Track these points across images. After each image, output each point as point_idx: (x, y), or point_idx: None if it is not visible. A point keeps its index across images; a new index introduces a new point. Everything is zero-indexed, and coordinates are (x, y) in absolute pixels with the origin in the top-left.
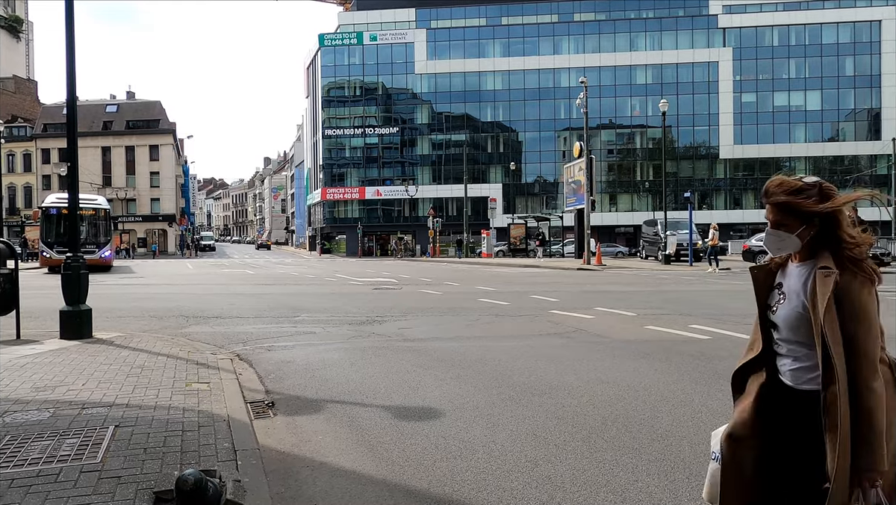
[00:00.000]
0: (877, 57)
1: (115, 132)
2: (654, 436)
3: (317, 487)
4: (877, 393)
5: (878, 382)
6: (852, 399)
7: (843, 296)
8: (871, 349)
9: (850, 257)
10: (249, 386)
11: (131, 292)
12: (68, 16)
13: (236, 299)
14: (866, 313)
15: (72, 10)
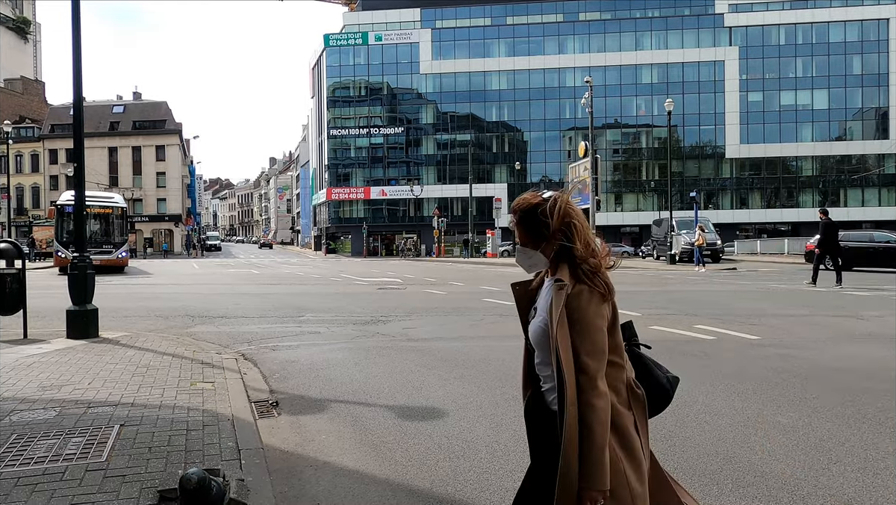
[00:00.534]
0: (884, 55)
1: (121, 133)
2: (657, 436)
3: (320, 486)
4: (596, 409)
5: (600, 398)
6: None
7: (571, 310)
8: (591, 365)
9: (584, 270)
10: (254, 385)
11: (137, 292)
12: (75, 17)
13: (241, 299)
14: (588, 328)
15: (78, 11)
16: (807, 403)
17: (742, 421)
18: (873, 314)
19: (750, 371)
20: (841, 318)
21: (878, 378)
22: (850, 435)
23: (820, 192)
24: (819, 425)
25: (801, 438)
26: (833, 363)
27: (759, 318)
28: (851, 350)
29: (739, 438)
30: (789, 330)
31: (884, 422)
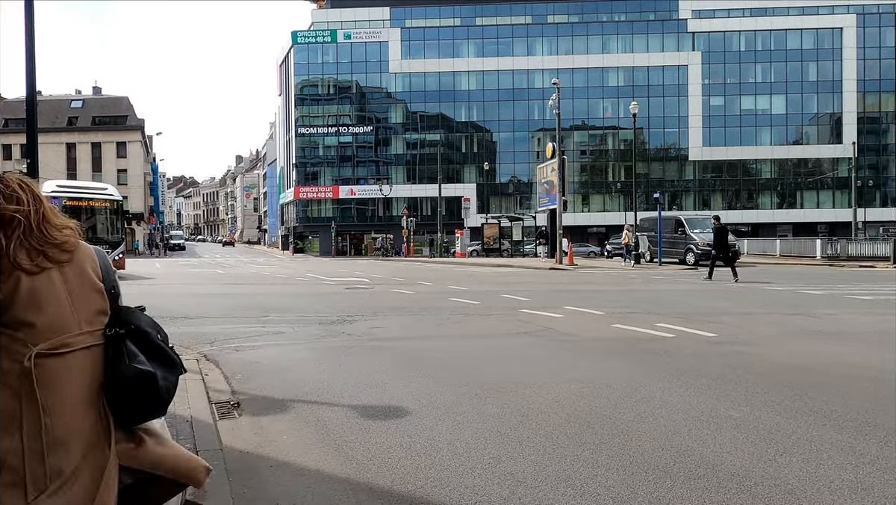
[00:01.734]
0: (838, 63)
1: (80, 128)
2: (615, 431)
3: (279, 486)
4: None
5: None
6: None
7: None
8: None
9: None
10: (215, 387)
11: None
12: (28, 7)
13: (204, 299)
14: None
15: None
16: (758, 397)
17: (696, 416)
18: (826, 312)
19: (706, 367)
20: (795, 316)
21: (827, 373)
22: (796, 428)
23: (778, 193)
24: (768, 419)
25: (750, 431)
26: (785, 359)
27: (718, 316)
28: (803, 347)
29: (693, 432)
30: (745, 328)
31: (829, 414)
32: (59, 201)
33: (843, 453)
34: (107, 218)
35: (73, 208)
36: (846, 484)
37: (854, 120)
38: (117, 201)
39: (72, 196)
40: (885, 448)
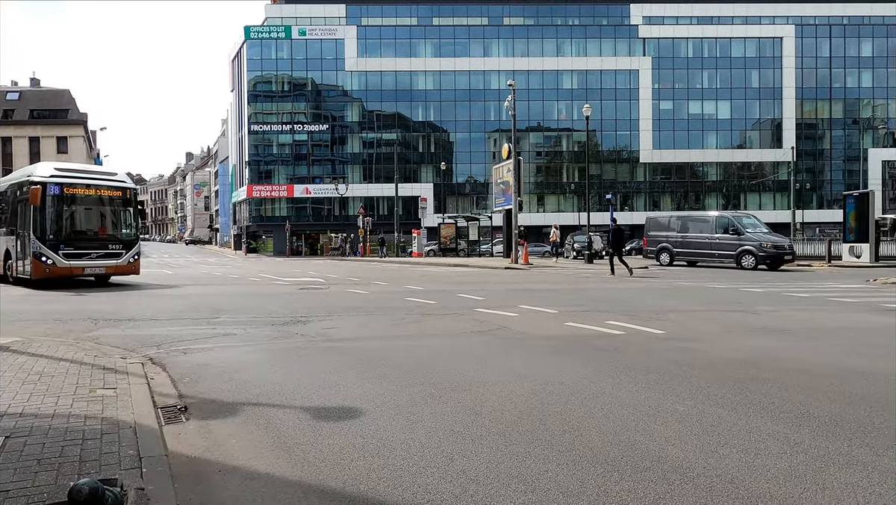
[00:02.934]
0: (778, 71)
1: (16, 121)
2: (566, 427)
3: (228, 491)
4: None
5: None
6: None
7: None
8: None
9: None
10: (161, 391)
11: (33, 295)
12: None
13: (152, 300)
14: None
15: None
16: (702, 391)
17: (644, 410)
18: (766, 309)
19: (654, 363)
20: (737, 313)
21: (766, 367)
22: (737, 420)
23: (723, 195)
24: (711, 412)
25: (694, 424)
26: (727, 354)
27: (665, 313)
28: (744, 342)
29: (640, 426)
30: (690, 325)
31: (767, 406)
32: (57, 189)
33: (779, 443)
34: (118, 210)
35: (76, 198)
36: (782, 472)
37: (793, 126)
38: (131, 190)
39: (74, 182)
40: (817, 438)
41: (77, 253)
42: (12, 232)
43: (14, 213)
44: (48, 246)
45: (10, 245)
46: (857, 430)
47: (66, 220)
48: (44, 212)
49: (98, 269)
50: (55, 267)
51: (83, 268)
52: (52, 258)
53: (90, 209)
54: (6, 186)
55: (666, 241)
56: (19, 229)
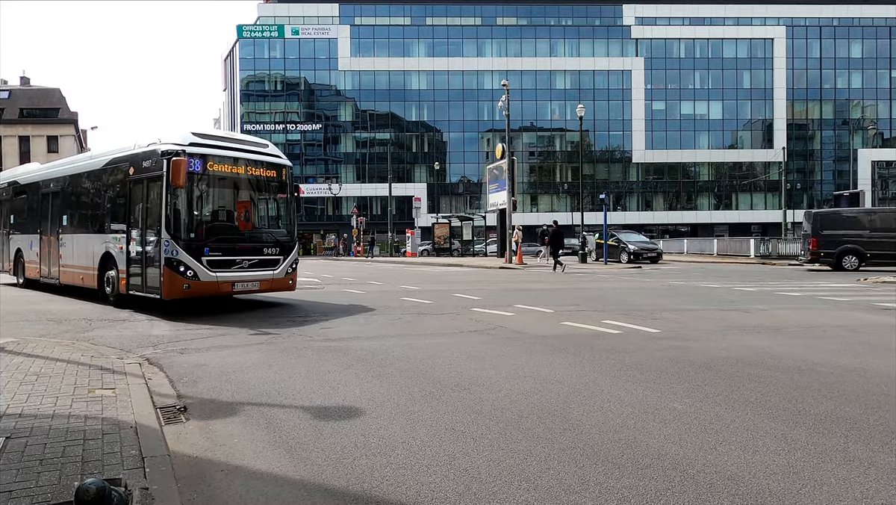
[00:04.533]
0: (770, 72)
1: (6, 120)
2: (566, 426)
3: (231, 490)
4: None
5: None
6: None
7: None
8: None
9: None
10: (160, 391)
11: (26, 295)
12: None
13: None
14: None
15: None
16: (699, 389)
17: (643, 408)
18: (759, 308)
19: (650, 362)
20: (731, 312)
21: (762, 365)
22: (734, 417)
23: (715, 195)
24: (709, 410)
25: (693, 422)
26: (723, 353)
27: (660, 312)
28: (739, 341)
29: (640, 424)
30: (686, 324)
31: (764, 404)
32: (198, 163)
33: (776, 440)
34: (272, 197)
35: (222, 178)
36: (780, 469)
37: (784, 126)
38: (287, 169)
39: (221, 154)
40: (814, 435)
41: (224, 261)
42: (119, 228)
43: (121, 201)
44: (189, 250)
45: (116, 246)
46: (852, 427)
47: (211, 212)
48: (183, 198)
49: (251, 283)
50: (198, 282)
51: (233, 282)
52: (195, 268)
53: (238, 195)
54: (105, 163)
55: (853, 241)
56: (134, 224)
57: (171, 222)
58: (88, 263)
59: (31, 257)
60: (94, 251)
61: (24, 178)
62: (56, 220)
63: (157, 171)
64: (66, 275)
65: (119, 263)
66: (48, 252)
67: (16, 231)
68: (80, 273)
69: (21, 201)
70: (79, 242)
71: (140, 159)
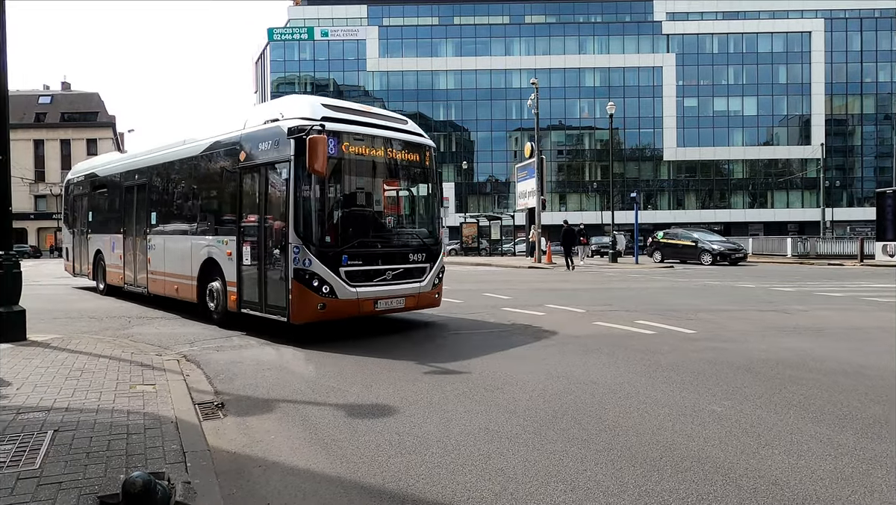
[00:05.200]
0: (807, 66)
1: (48, 124)
2: (601, 427)
3: (269, 486)
4: None
5: None
6: None
7: None
8: None
9: None
10: (198, 387)
11: (67, 294)
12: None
13: None
14: None
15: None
16: (738, 392)
17: (680, 410)
18: (798, 309)
19: (687, 363)
20: (769, 312)
21: (804, 368)
22: (777, 421)
23: (749, 194)
24: (750, 412)
25: (733, 424)
26: (762, 355)
27: (695, 313)
28: (779, 342)
29: (678, 427)
30: (722, 324)
31: (807, 407)
32: (333, 143)
33: (822, 445)
34: (416, 188)
35: (360, 163)
36: (827, 474)
37: (822, 122)
38: (431, 150)
39: (361, 132)
40: (862, 440)
41: (365, 271)
42: (227, 229)
43: (228, 195)
44: (324, 258)
45: (222, 252)
46: None
47: (348, 208)
48: (316, 190)
49: (395, 300)
50: (335, 300)
51: (375, 300)
52: (331, 282)
53: (377, 185)
54: (205, 148)
55: None
56: (247, 224)
57: (300, 222)
58: (185, 271)
59: (112, 261)
60: (192, 257)
61: (104, 170)
62: (143, 217)
63: (282, 154)
64: (156, 283)
65: (226, 272)
66: (133, 256)
67: (95, 230)
68: (174, 282)
69: (100, 196)
70: (172, 246)
71: (254, 141)
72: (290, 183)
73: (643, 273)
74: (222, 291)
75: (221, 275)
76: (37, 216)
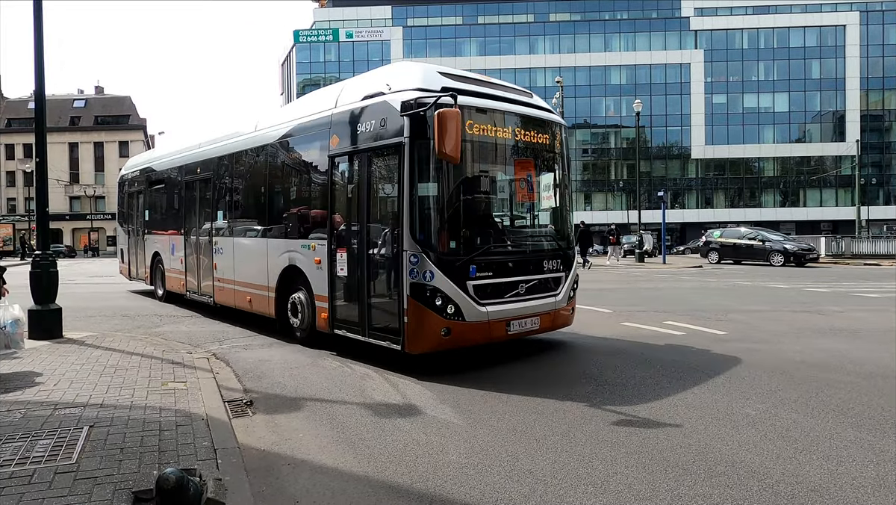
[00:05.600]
0: (841, 61)
1: (82, 127)
2: (631, 429)
3: (298, 484)
4: None
5: None
6: None
7: None
8: None
9: None
10: (227, 385)
11: (101, 291)
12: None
13: None
14: None
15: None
16: (773, 395)
17: (712, 413)
18: (834, 309)
19: (718, 365)
20: (804, 313)
21: (841, 370)
22: (814, 425)
23: (780, 192)
24: (785, 416)
25: (768, 428)
26: (796, 357)
27: (726, 314)
28: (814, 344)
29: (710, 430)
30: (754, 325)
31: (846, 412)
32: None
33: (863, 451)
34: (548, 175)
35: (488, 148)
36: (869, 481)
37: (857, 118)
38: (561, 129)
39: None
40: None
41: (495, 285)
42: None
43: (316, 189)
44: (448, 269)
45: (309, 259)
46: None
47: (475, 204)
48: (434, 181)
49: (529, 320)
50: (462, 323)
51: (508, 320)
52: (458, 301)
53: (505, 172)
54: (284, 133)
55: None
56: (341, 224)
57: (418, 223)
58: (259, 280)
59: (172, 265)
60: (269, 263)
61: (161, 163)
62: (207, 216)
63: (391, 136)
64: (224, 293)
65: (314, 284)
66: (197, 260)
67: (152, 230)
68: (246, 293)
69: (158, 192)
70: (244, 249)
71: (350, 122)
72: (404, 173)
73: (671, 273)
74: (308, 305)
75: (307, 286)
76: (71, 217)
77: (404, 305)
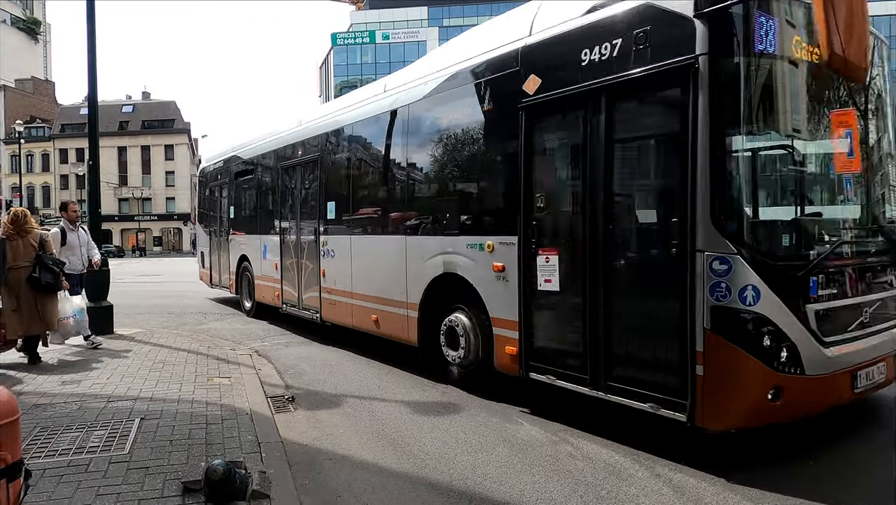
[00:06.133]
0: None
1: (130, 132)
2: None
3: (340, 479)
4: None
5: None
6: None
7: None
8: None
9: None
10: (269, 381)
11: (148, 290)
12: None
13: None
14: None
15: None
16: None
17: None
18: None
19: None
20: None
21: None
22: None
23: None
24: None
25: None
26: None
27: None
28: None
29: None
30: None
31: None
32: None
33: None
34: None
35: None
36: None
37: None
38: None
39: None
40: None
41: (840, 310)
42: (483, 222)
43: (495, 162)
44: (782, 285)
45: (484, 265)
46: None
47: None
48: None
49: (877, 367)
50: (801, 380)
51: (854, 370)
52: (796, 339)
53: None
54: (447, 77)
55: None
56: (549, 209)
57: (724, 202)
58: (392, 294)
59: (263, 271)
60: (409, 270)
61: (250, 149)
62: (312, 209)
63: (664, 57)
64: (336, 308)
65: (490, 301)
66: (296, 264)
67: (238, 229)
68: (371, 309)
69: (246, 184)
70: (368, 251)
71: (569, 50)
72: (698, 116)
73: None
74: (477, 332)
75: (476, 304)
76: (120, 218)
77: (697, 344)
